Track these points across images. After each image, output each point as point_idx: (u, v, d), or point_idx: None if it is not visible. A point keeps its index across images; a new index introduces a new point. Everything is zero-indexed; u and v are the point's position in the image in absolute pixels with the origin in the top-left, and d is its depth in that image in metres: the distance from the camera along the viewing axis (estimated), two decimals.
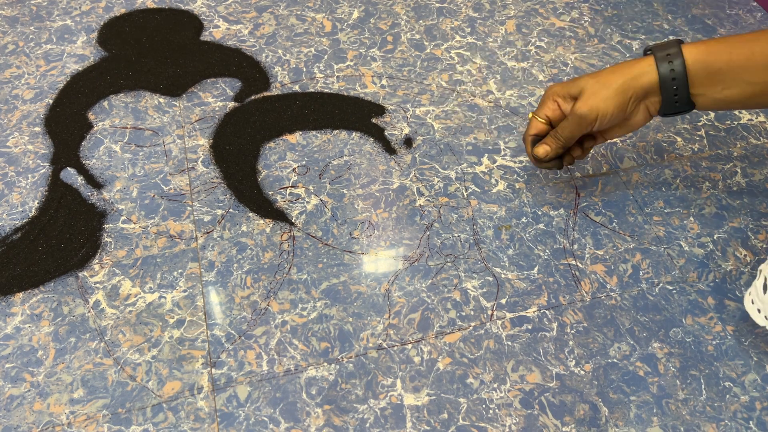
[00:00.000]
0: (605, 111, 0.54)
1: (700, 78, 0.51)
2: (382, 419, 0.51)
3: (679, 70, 0.51)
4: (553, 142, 0.58)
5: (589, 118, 0.54)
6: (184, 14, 0.83)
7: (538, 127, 0.58)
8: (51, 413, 0.51)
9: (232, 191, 0.65)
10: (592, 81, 0.54)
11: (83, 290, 0.58)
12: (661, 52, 0.52)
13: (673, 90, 0.52)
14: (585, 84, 0.54)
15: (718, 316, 0.58)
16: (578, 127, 0.56)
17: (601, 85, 0.53)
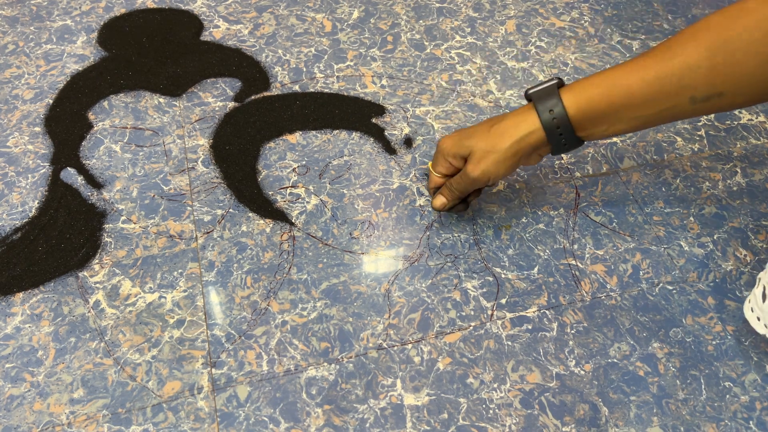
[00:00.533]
0: (496, 173, 0.55)
1: (584, 123, 0.52)
2: (382, 419, 0.51)
3: (563, 121, 0.52)
4: (449, 195, 0.59)
5: (482, 181, 0.56)
6: (184, 14, 0.83)
7: (437, 182, 0.61)
8: (51, 413, 0.51)
9: (232, 191, 0.65)
10: (481, 143, 0.55)
11: (83, 290, 0.58)
12: (542, 104, 0.52)
13: (561, 139, 0.53)
14: (474, 146, 0.55)
15: (718, 316, 0.58)
16: (471, 185, 0.57)
17: (489, 149, 0.54)
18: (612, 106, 0.51)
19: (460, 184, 0.58)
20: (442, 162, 0.58)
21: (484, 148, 0.54)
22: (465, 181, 0.57)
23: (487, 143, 0.54)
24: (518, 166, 0.56)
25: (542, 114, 0.52)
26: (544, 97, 0.52)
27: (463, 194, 0.59)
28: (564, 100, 0.52)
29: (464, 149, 0.56)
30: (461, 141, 0.56)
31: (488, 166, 0.54)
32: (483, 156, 0.54)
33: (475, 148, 0.55)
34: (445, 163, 0.58)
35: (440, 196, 0.60)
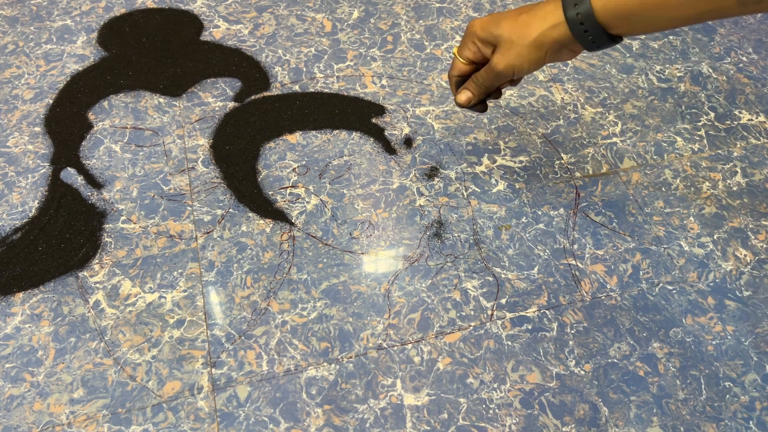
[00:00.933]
0: (521, 67, 0.52)
1: (614, 23, 0.49)
2: (382, 419, 0.51)
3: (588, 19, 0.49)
4: (475, 89, 0.56)
5: (507, 74, 0.53)
6: (184, 14, 0.83)
7: (461, 69, 0.57)
8: (51, 413, 0.51)
9: (232, 191, 0.65)
10: (507, 32, 0.51)
11: (83, 290, 0.58)
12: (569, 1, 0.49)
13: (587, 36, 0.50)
14: (501, 34, 0.52)
15: (718, 316, 0.58)
16: (497, 80, 0.54)
17: (515, 39, 0.51)
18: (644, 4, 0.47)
19: (486, 78, 0.54)
20: (470, 46, 0.54)
21: (510, 39, 0.51)
22: (490, 74, 0.53)
23: (513, 33, 0.51)
24: (546, 60, 0.53)
25: (567, 9, 0.49)
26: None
27: (489, 89, 0.56)
28: None
29: (491, 37, 0.52)
30: (490, 27, 0.52)
31: (513, 59, 0.51)
32: (509, 47, 0.51)
33: (502, 38, 0.51)
34: (473, 48, 0.54)
35: (465, 91, 0.56)
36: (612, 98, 0.76)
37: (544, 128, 0.72)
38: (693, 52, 0.82)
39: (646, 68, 0.79)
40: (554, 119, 0.73)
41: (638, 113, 0.74)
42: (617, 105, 0.75)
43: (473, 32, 0.54)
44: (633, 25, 0.49)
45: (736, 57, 0.81)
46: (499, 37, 0.52)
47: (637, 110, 0.75)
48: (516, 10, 0.52)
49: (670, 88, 0.77)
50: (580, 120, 0.73)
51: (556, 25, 0.50)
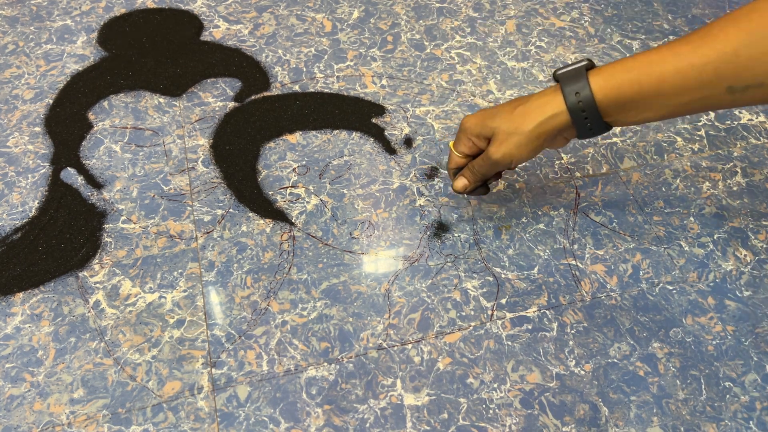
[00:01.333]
0: (519, 156, 0.53)
1: (612, 109, 0.50)
2: (382, 419, 0.51)
3: (589, 106, 0.50)
4: (471, 177, 0.57)
5: (503, 163, 0.54)
6: (184, 14, 0.83)
7: (458, 162, 0.58)
8: (51, 413, 0.51)
9: (232, 191, 0.65)
10: (504, 124, 0.53)
11: (83, 290, 0.58)
12: (569, 87, 0.50)
13: (587, 124, 0.51)
14: (497, 127, 0.53)
15: (718, 316, 0.58)
16: (493, 168, 0.55)
17: (512, 130, 0.52)
18: (642, 93, 0.49)
19: (482, 166, 0.56)
20: (465, 141, 0.56)
21: (507, 130, 0.52)
22: (487, 163, 0.55)
23: (511, 124, 0.52)
24: (543, 148, 0.54)
25: (568, 96, 0.50)
26: (572, 78, 0.50)
27: (485, 177, 0.57)
28: (592, 84, 0.49)
29: (487, 130, 0.54)
30: (484, 121, 0.54)
31: (510, 149, 0.53)
32: (506, 138, 0.53)
33: (498, 130, 0.53)
34: (468, 143, 0.56)
35: (462, 178, 0.58)
36: None
37: None
38: None
39: None
40: None
41: None
42: None
43: (467, 129, 0.56)
44: (629, 112, 0.50)
45: None
46: (496, 129, 0.53)
47: None
48: (510, 104, 0.54)
49: None
50: None
51: (556, 114, 0.51)
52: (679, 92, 0.48)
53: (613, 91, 0.49)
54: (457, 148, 0.57)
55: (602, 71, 0.50)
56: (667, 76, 0.47)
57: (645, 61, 0.49)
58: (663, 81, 0.48)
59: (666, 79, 0.48)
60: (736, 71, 0.46)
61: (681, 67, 0.47)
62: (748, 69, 0.45)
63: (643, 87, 0.48)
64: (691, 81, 0.47)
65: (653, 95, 0.49)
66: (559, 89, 0.51)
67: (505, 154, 0.53)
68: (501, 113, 0.54)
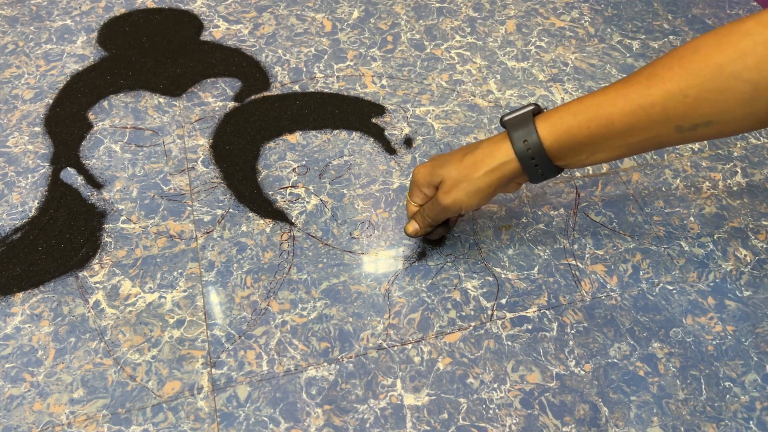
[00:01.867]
0: (468, 203, 0.53)
1: (562, 153, 0.50)
2: (382, 419, 0.51)
3: (538, 152, 0.50)
4: (422, 221, 0.58)
5: (453, 210, 0.54)
6: (184, 14, 0.83)
7: (413, 210, 0.59)
8: (51, 413, 0.51)
9: (232, 191, 0.65)
10: (454, 172, 0.53)
11: (83, 290, 0.58)
12: (516, 134, 0.50)
13: (537, 170, 0.51)
14: (446, 174, 0.53)
15: (718, 316, 0.58)
16: (443, 214, 0.56)
17: (462, 178, 0.52)
18: (591, 136, 0.49)
19: (431, 210, 0.56)
20: (417, 192, 0.57)
21: (456, 177, 0.53)
22: (436, 208, 0.55)
23: (460, 172, 0.53)
24: (494, 195, 0.54)
25: (516, 143, 0.50)
26: (519, 125, 0.50)
27: (435, 222, 0.57)
28: (539, 130, 0.49)
29: (436, 177, 0.54)
30: (434, 170, 0.54)
31: (459, 195, 0.53)
32: (454, 185, 0.53)
33: (447, 177, 0.53)
34: (420, 193, 0.56)
35: (413, 222, 0.58)
36: None
37: None
38: None
39: None
40: None
41: None
42: None
43: (417, 180, 0.56)
44: (579, 155, 0.50)
45: None
46: (444, 176, 0.54)
47: None
48: (459, 152, 0.54)
49: None
50: None
51: (505, 162, 0.51)
52: (629, 133, 0.48)
53: (562, 136, 0.49)
54: (412, 198, 0.58)
55: (549, 117, 0.50)
56: (615, 118, 0.47)
57: (593, 105, 0.48)
58: (611, 123, 0.48)
59: (614, 121, 0.48)
60: (684, 111, 0.46)
61: (629, 108, 0.47)
62: (696, 108, 0.45)
63: (592, 130, 0.48)
64: (640, 122, 0.47)
65: (603, 138, 0.49)
66: (507, 137, 0.51)
67: (455, 201, 0.53)
68: (450, 162, 0.54)
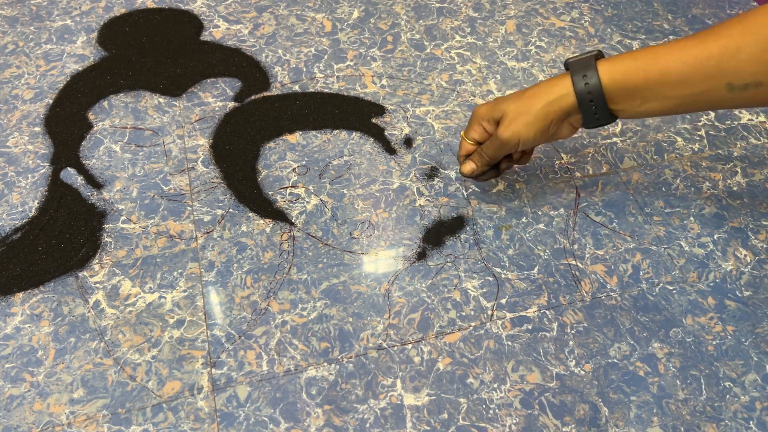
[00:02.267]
0: (527, 136, 0.54)
1: (618, 96, 0.52)
2: (382, 419, 0.51)
3: (596, 90, 0.52)
4: (479, 160, 0.59)
5: (512, 143, 0.55)
6: (184, 14, 0.83)
7: (468, 149, 0.60)
8: (51, 413, 0.51)
9: (232, 191, 0.65)
10: (514, 105, 0.54)
11: (83, 290, 0.58)
12: (577, 72, 0.52)
13: (592, 108, 0.53)
14: (507, 108, 0.55)
15: (718, 316, 0.58)
16: (502, 149, 0.57)
17: (522, 110, 0.54)
18: (647, 81, 0.50)
19: (490, 148, 0.57)
20: (476, 127, 0.58)
21: (516, 110, 0.54)
22: (495, 144, 0.56)
23: (519, 105, 0.54)
24: (550, 132, 0.55)
25: (576, 81, 0.52)
26: (581, 65, 0.52)
27: (494, 160, 0.58)
28: (599, 70, 0.51)
29: (497, 112, 0.55)
30: (496, 105, 0.56)
31: (519, 128, 0.54)
32: (515, 117, 0.54)
33: (508, 110, 0.55)
34: (479, 129, 0.58)
35: (470, 162, 0.59)
36: None
37: None
38: None
39: None
40: None
41: None
42: None
43: (479, 114, 0.57)
44: (633, 101, 0.52)
45: None
46: (505, 110, 0.55)
47: None
48: (520, 91, 0.56)
49: None
50: None
51: (563, 95, 0.53)
52: (682, 83, 0.49)
53: (619, 76, 0.51)
54: (469, 135, 0.59)
55: (611, 60, 0.52)
56: (671, 66, 0.49)
57: (652, 52, 0.50)
58: (667, 71, 0.49)
59: (670, 70, 0.49)
60: (737, 67, 0.47)
61: (685, 58, 0.49)
62: (748, 66, 0.46)
63: (648, 75, 0.50)
64: (694, 73, 0.48)
65: (657, 84, 0.50)
66: (569, 75, 0.53)
67: (514, 133, 0.54)
68: (511, 96, 0.56)
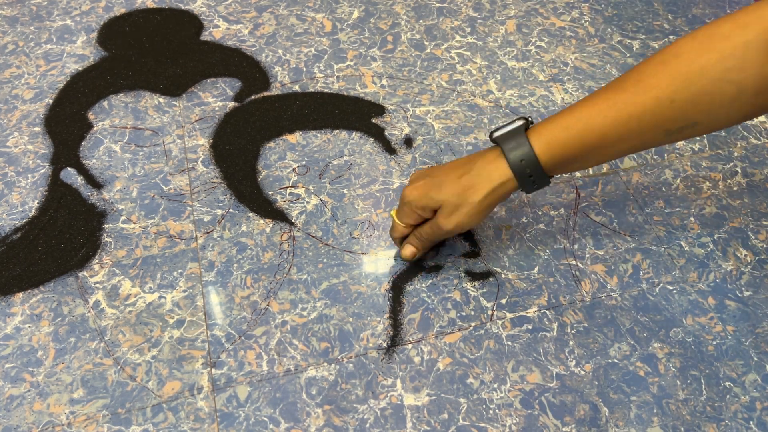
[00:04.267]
0: (470, 224, 0.54)
1: (556, 166, 0.51)
2: (382, 419, 0.51)
3: (534, 166, 0.51)
4: (419, 244, 0.58)
5: (455, 232, 0.54)
6: (184, 14, 0.83)
7: (402, 232, 0.58)
8: (51, 413, 0.51)
9: (232, 191, 0.65)
10: (452, 198, 0.52)
11: (83, 290, 0.58)
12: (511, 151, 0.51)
13: (531, 180, 0.52)
14: (444, 200, 0.53)
15: (719, 316, 0.58)
16: (443, 236, 0.56)
17: (461, 202, 0.52)
18: (584, 148, 0.50)
19: (430, 234, 0.56)
20: (410, 213, 0.56)
21: (455, 202, 0.52)
22: (437, 232, 0.55)
23: (459, 197, 0.52)
24: (491, 211, 0.55)
25: (513, 163, 0.51)
26: (513, 142, 0.51)
27: (433, 243, 0.58)
28: (535, 148, 0.50)
29: (433, 202, 0.53)
30: (429, 193, 0.54)
31: (461, 219, 0.53)
32: (454, 209, 0.53)
33: (446, 202, 0.53)
34: (413, 215, 0.56)
35: (409, 246, 0.58)
36: None
37: None
38: None
39: None
40: None
41: None
42: None
43: (411, 201, 0.55)
44: (572, 165, 0.52)
45: None
46: (443, 202, 0.53)
47: None
48: (454, 171, 0.53)
49: None
50: None
51: (504, 181, 0.52)
52: (620, 142, 0.50)
53: (557, 151, 0.50)
54: (402, 220, 0.57)
55: (542, 133, 0.51)
56: (608, 129, 0.49)
57: (583, 118, 0.49)
58: (604, 135, 0.49)
59: (606, 133, 0.49)
60: (673, 115, 0.47)
61: (620, 118, 0.48)
62: (684, 112, 0.47)
63: (585, 143, 0.50)
64: (632, 130, 0.49)
65: (595, 148, 0.50)
66: (501, 154, 0.52)
67: (458, 224, 0.53)
68: (445, 184, 0.53)
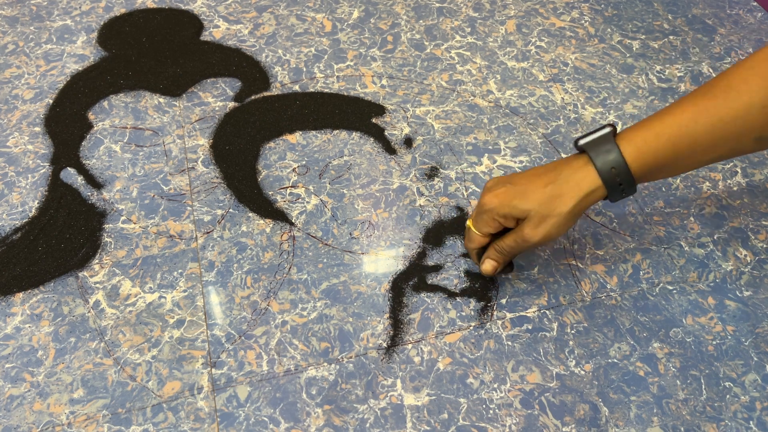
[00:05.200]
0: (558, 235, 0.51)
1: (647, 174, 0.50)
2: (382, 419, 0.51)
3: (624, 175, 0.49)
4: (499, 257, 0.55)
5: (542, 244, 0.53)
6: (184, 14, 0.83)
7: (481, 242, 0.55)
8: (51, 413, 0.51)
9: (232, 191, 0.65)
10: (539, 208, 0.50)
11: (83, 290, 0.58)
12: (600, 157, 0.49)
13: (620, 188, 0.50)
14: (530, 209, 0.50)
15: (718, 316, 0.58)
16: (529, 249, 0.54)
17: (549, 212, 0.50)
18: (676, 155, 0.49)
19: (513, 247, 0.53)
20: (489, 222, 0.52)
21: (544, 213, 0.50)
22: (522, 245, 0.52)
23: (546, 207, 0.50)
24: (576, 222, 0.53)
25: (603, 170, 0.49)
26: (602, 150, 0.49)
27: (515, 256, 0.55)
28: (625, 155, 0.49)
29: (518, 211, 0.51)
30: (512, 201, 0.51)
31: (549, 230, 0.50)
32: (542, 220, 0.50)
33: (533, 213, 0.50)
34: (494, 223, 0.53)
35: (490, 261, 0.55)
36: (612, 98, 0.76)
37: (544, 128, 0.72)
38: (693, 52, 0.82)
39: (647, 68, 0.79)
40: (554, 119, 0.73)
41: (638, 113, 0.74)
42: (617, 105, 0.75)
43: (493, 209, 0.52)
44: (662, 172, 0.51)
45: (736, 57, 0.81)
46: (530, 212, 0.51)
47: (637, 110, 0.75)
48: (539, 178, 0.51)
49: (670, 88, 0.77)
50: (581, 120, 0.73)
51: (593, 190, 0.50)
52: (712, 148, 0.49)
53: (649, 158, 0.49)
54: (480, 229, 0.54)
55: (632, 139, 0.49)
56: (699, 135, 0.48)
57: (674, 124, 0.48)
58: (695, 141, 0.48)
59: (698, 139, 0.48)
60: (765, 121, 0.46)
61: (712, 124, 0.47)
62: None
63: (678, 149, 0.49)
64: (724, 136, 0.48)
65: (687, 155, 0.49)
66: (590, 162, 0.50)
67: (544, 236, 0.51)
68: (531, 192, 0.51)
